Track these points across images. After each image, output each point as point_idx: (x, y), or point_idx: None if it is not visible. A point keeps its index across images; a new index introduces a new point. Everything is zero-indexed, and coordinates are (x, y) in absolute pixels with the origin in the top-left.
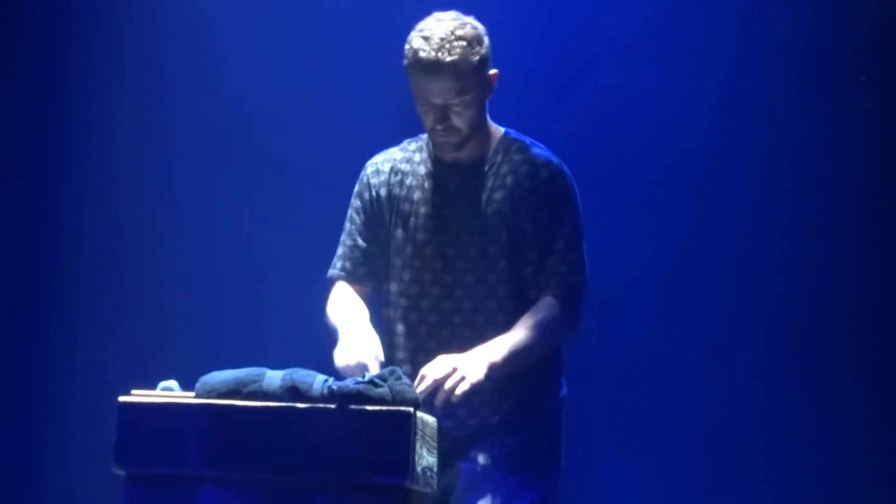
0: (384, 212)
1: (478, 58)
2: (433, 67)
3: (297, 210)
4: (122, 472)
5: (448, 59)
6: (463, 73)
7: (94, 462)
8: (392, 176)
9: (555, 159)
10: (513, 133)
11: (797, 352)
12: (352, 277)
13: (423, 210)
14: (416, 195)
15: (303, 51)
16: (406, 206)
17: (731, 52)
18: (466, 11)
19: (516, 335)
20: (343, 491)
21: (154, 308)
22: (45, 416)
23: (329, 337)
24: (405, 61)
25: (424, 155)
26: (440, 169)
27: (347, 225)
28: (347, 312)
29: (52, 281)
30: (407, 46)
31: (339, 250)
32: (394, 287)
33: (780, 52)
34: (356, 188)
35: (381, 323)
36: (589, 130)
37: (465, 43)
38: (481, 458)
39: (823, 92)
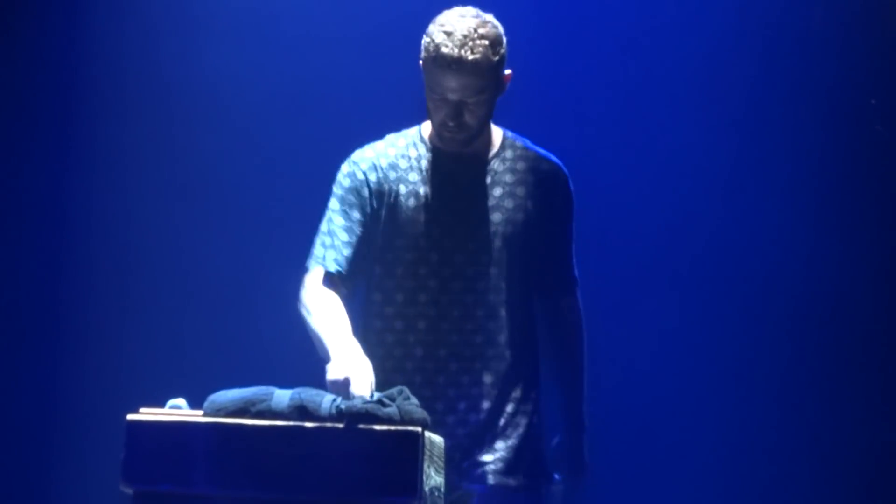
0: (380, 209)
1: (498, 58)
2: (455, 64)
3: (313, 228)
4: (129, 490)
5: (471, 57)
6: (483, 72)
7: (102, 480)
8: (391, 172)
9: (560, 161)
10: (510, 132)
11: (799, 353)
12: (341, 274)
13: (435, 204)
14: (423, 190)
15: (310, 48)
16: (413, 202)
17: (740, 78)
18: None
19: (583, 384)
20: None
21: (163, 326)
22: (53, 433)
23: (302, 324)
24: (423, 54)
25: (423, 150)
26: (445, 161)
27: (338, 219)
28: (335, 321)
29: (61, 299)
30: (427, 40)
31: (328, 241)
32: (411, 283)
33: (793, 73)
34: (347, 183)
35: (367, 319)
36: (594, 130)
37: (487, 42)
38: (491, 479)
39: (835, 115)
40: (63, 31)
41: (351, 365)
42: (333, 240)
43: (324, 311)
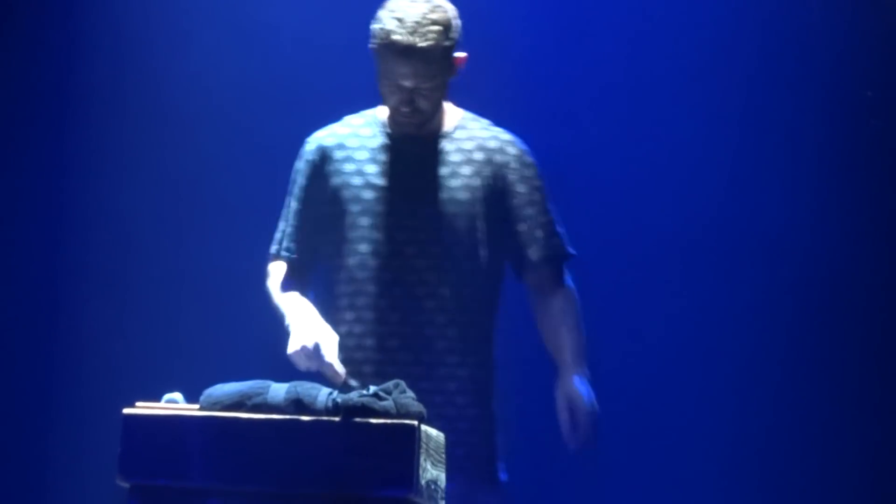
0: (327, 189)
1: (450, 42)
2: (406, 52)
3: None
4: (126, 485)
5: (423, 44)
6: (436, 58)
7: (98, 474)
8: (338, 151)
9: (516, 137)
10: (471, 113)
11: (799, 349)
12: (296, 260)
13: (380, 182)
14: (371, 168)
15: (302, 45)
16: (358, 180)
17: (738, 65)
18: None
19: (579, 340)
20: None
21: (159, 320)
22: (50, 428)
23: (272, 314)
24: (374, 41)
25: (376, 129)
26: (395, 141)
27: (293, 204)
28: (290, 298)
29: (57, 294)
30: (378, 26)
31: (283, 228)
32: (353, 260)
33: (787, 66)
34: (297, 166)
35: (327, 298)
36: (593, 125)
37: (439, 28)
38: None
39: (830, 108)
40: (58, 31)
41: (312, 334)
42: (286, 226)
43: (284, 295)
